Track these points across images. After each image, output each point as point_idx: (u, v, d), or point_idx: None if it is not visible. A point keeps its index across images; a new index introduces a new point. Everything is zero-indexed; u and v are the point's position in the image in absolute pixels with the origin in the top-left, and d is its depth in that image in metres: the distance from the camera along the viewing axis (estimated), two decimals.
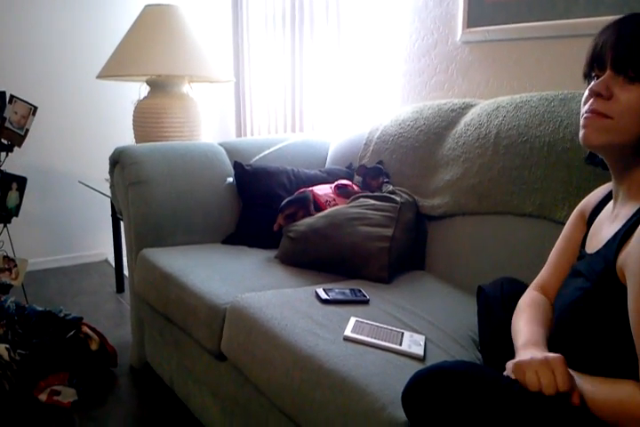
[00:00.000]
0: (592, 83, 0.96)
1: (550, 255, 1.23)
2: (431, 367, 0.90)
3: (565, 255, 1.18)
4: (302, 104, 2.85)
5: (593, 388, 0.86)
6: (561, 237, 1.21)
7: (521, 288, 1.26)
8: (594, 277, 0.95)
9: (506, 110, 1.71)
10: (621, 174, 0.99)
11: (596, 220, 1.09)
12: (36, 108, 2.51)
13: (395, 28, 2.39)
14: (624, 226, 0.93)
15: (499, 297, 1.27)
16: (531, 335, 1.04)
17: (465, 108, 1.90)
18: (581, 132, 0.96)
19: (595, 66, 0.97)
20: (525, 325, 1.09)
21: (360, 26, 2.53)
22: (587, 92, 0.96)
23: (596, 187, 1.19)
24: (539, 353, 0.91)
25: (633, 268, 0.85)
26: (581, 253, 1.09)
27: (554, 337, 1.04)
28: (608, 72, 0.93)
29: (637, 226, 0.87)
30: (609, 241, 0.96)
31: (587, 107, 0.95)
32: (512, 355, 1.03)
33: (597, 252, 0.99)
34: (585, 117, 0.95)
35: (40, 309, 2.15)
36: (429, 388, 0.87)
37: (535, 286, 1.23)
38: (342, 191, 1.97)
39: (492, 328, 1.24)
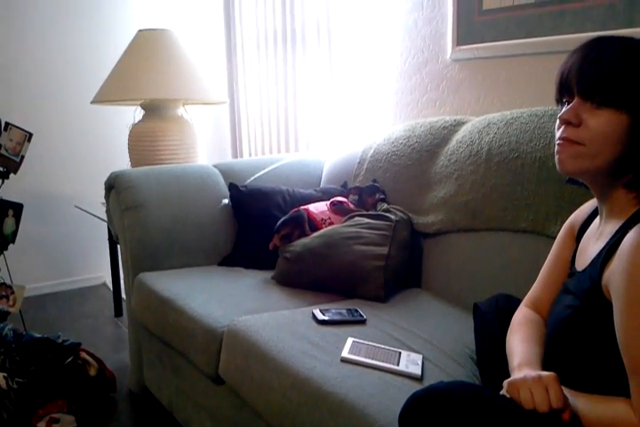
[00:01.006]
0: (563, 109, 0.97)
1: (541, 271, 1.23)
2: (428, 388, 0.90)
3: (555, 271, 1.19)
4: (296, 124, 2.87)
5: (586, 406, 0.87)
6: (551, 253, 1.21)
7: (516, 305, 1.26)
8: (582, 295, 0.96)
9: (497, 127, 1.72)
10: (602, 194, 1.00)
11: (584, 236, 1.09)
12: (31, 134, 2.51)
13: (385, 47, 2.42)
14: (607, 244, 0.94)
15: (494, 314, 1.27)
16: (525, 355, 1.04)
17: (456, 125, 1.91)
18: (556, 159, 0.97)
19: (564, 92, 0.97)
20: (519, 344, 1.09)
21: (351, 45, 2.55)
22: (558, 120, 0.97)
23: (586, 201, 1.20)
24: (532, 372, 0.92)
25: (617, 286, 0.86)
26: (572, 271, 1.09)
27: (547, 354, 1.05)
28: (576, 98, 0.94)
29: (619, 244, 0.88)
30: (594, 259, 0.96)
31: (559, 134, 0.96)
32: (509, 372, 1.03)
33: (584, 270, 0.99)
34: (558, 144, 0.96)
35: (38, 335, 2.14)
36: (426, 409, 0.87)
37: (527, 302, 1.23)
38: (338, 208, 1.97)
39: (488, 345, 1.24)
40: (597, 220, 1.05)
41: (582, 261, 1.03)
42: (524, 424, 0.83)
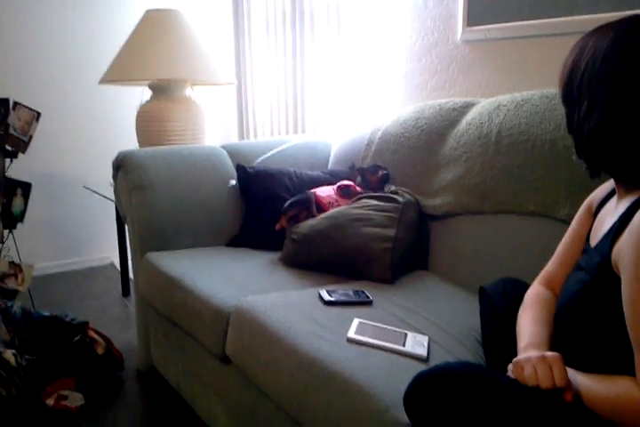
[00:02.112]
0: None
1: (557, 249, 1.23)
2: (432, 369, 0.91)
3: (571, 249, 1.19)
4: (304, 105, 2.86)
5: (591, 385, 0.87)
6: (568, 230, 1.21)
7: (523, 288, 1.26)
8: (592, 270, 0.96)
9: (507, 109, 1.70)
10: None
11: (600, 213, 1.09)
12: (39, 114, 2.51)
13: (395, 28, 2.39)
14: (618, 219, 0.95)
15: (501, 298, 1.27)
16: (533, 336, 1.05)
17: (466, 107, 1.89)
18: None
19: None
20: (529, 325, 1.09)
21: (360, 27, 2.53)
22: None
23: (599, 185, 1.19)
24: (537, 352, 0.93)
25: (625, 261, 0.86)
26: (585, 247, 1.10)
27: (555, 329, 1.05)
28: None
29: (630, 220, 0.88)
30: (605, 234, 0.97)
31: None
32: (514, 355, 1.03)
33: (596, 246, 1.00)
34: None
35: (46, 314, 2.16)
36: (431, 389, 0.88)
37: (541, 279, 1.23)
38: (345, 191, 1.97)
39: (494, 329, 1.24)
40: (615, 198, 1.05)
41: (596, 238, 1.03)
42: (528, 404, 0.84)
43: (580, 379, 0.89)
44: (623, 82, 0.90)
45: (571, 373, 0.90)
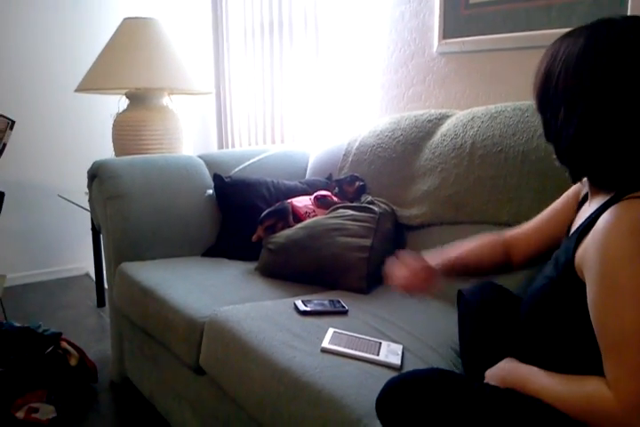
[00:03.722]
0: None
1: (534, 218, 1.27)
2: (403, 375, 0.93)
3: (542, 223, 1.24)
4: (282, 115, 2.87)
5: (560, 386, 0.87)
6: (551, 205, 1.24)
7: (502, 294, 1.27)
8: (559, 267, 0.97)
9: (481, 121, 1.72)
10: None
11: (581, 209, 1.09)
12: (13, 122, 2.49)
13: (372, 40, 2.41)
14: (585, 221, 0.96)
15: (479, 302, 1.26)
16: (446, 255, 1.27)
17: (441, 118, 1.91)
18: None
19: None
20: (458, 249, 1.29)
21: (338, 37, 2.55)
22: None
23: None
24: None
25: (590, 265, 0.87)
26: (564, 239, 1.09)
27: (524, 323, 1.06)
28: None
29: (594, 224, 0.89)
30: (572, 234, 0.98)
31: None
32: (492, 361, 1.05)
33: (563, 242, 1.01)
34: None
35: (18, 325, 2.12)
36: (402, 395, 0.89)
37: (505, 233, 1.31)
38: (322, 202, 1.97)
39: (471, 333, 1.24)
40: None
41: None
42: (499, 407, 0.85)
43: (549, 381, 0.90)
44: (598, 90, 0.90)
45: (540, 375, 0.91)
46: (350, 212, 1.84)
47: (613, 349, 0.82)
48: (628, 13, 1.60)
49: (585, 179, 1.02)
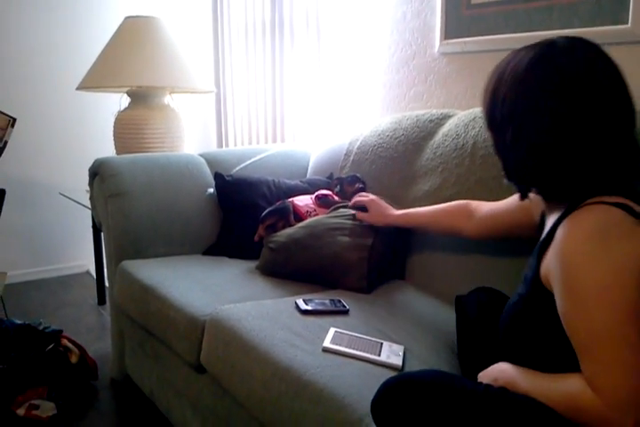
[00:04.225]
0: None
1: (500, 203, 1.42)
2: (398, 376, 0.94)
3: (503, 213, 1.40)
4: (283, 115, 2.87)
5: (543, 388, 0.90)
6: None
7: (496, 297, 1.28)
8: (527, 283, 1.02)
9: (482, 121, 1.72)
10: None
11: (546, 223, 1.11)
12: (14, 119, 2.49)
13: (374, 40, 2.41)
14: (543, 237, 1.00)
15: (475, 307, 1.29)
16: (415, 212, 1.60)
17: (443, 118, 1.92)
18: None
19: None
20: (424, 209, 1.60)
21: (340, 37, 2.55)
22: None
23: None
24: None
25: (554, 276, 0.92)
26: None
27: (502, 338, 1.10)
28: None
29: (553, 236, 0.94)
30: (535, 250, 1.02)
31: None
32: (489, 364, 1.05)
33: (529, 261, 1.05)
34: None
35: (19, 322, 2.13)
36: (397, 397, 0.90)
37: (474, 202, 1.52)
38: (323, 201, 1.97)
39: (469, 338, 1.26)
40: None
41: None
42: (492, 406, 0.86)
43: (536, 383, 0.92)
44: (542, 110, 0.94)
45: (529, 376, 0.94)
46: (351, 211, 1.84)
47: (587, 349, 0.86)
48: (630, 13, 1.60)
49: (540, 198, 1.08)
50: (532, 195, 1.08)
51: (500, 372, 1.00)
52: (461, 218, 1.50)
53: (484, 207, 1.47)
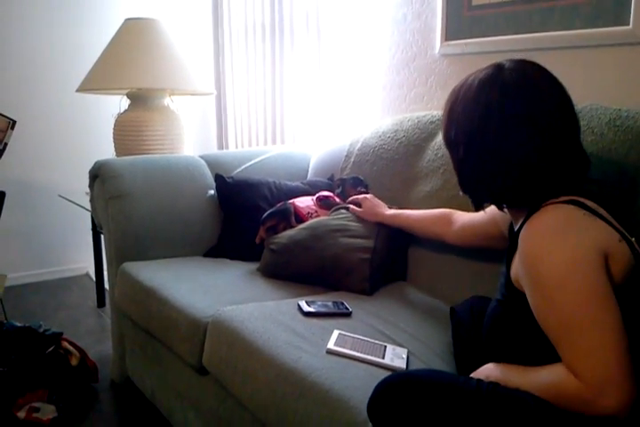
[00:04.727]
0: None
1: (478, 214, 1.46)
2: (394, 375, 0.96)
3: (479, 224, 1.47)
4: (283, 116, 2.87)
5: (531, 378, 0.94)
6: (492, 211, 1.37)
7: (488, 304, 1.30)
8: (502, 289, 1.10)
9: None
10: None
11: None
12: (14, 122, 2.49)
13: (374, 41, 2.41)
14: (510, 244, 1.09)
15: (468, 315, 1.34)
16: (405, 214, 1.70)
17: None
18: None
19: None
20: (414, 212, 1.69)
21: (340, 38, 2.55)
22: None
23: None
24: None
25: (522, 276, 0.99)
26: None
27: (485, 343, 1.16)
28: None
29: (517, 243, 1.01)
30: (504, 257, 1.11)
31: None
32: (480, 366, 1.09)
33: (501, 269, 1.13)
34: None
35: (19, 324, 2.12)
36: (392, 396, 0.92)
37: (458, 212, 1.59)
38: (324, 203, 1.97)
39: (464, 346, 1.30)
40: None
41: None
42: (484, 401, 0.89)
43: (522, 376, 0.96)
44: (490, 130, 1.02)
45: (514, 371, 0.98)
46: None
47: (561, 338, 0.90)
48: (631, 15, 1.60)
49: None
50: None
51: (490, 371, 1.03)
52: (443, 226, 1.59)
53: (464, 218, 1.55)
